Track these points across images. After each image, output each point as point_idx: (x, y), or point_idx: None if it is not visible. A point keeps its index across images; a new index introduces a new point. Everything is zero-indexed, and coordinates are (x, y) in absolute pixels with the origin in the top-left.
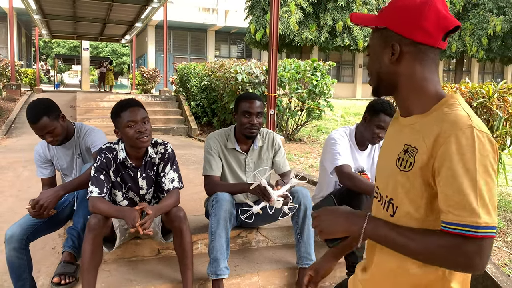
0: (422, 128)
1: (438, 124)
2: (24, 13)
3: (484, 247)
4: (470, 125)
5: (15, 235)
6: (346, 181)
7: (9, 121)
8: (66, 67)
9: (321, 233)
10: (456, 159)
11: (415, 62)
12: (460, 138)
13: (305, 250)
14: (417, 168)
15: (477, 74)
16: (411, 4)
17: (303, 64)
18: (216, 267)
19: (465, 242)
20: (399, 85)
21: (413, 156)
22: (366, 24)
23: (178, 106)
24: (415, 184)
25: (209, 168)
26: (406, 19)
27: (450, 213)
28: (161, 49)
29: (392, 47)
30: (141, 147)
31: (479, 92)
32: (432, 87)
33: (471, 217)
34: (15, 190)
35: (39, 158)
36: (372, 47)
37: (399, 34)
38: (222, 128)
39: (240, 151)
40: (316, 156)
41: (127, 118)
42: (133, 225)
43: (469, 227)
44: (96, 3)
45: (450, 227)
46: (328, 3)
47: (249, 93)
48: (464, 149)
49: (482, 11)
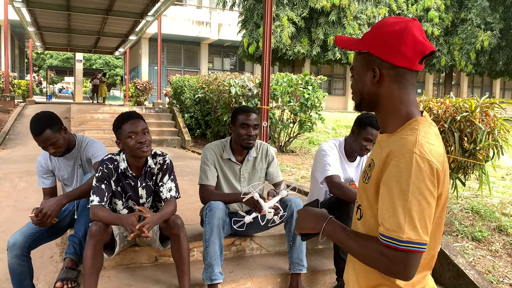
0: (384, 146)
1: (391, 144)
2: (17, 25)
3: (409, 259)
4: (412, 150)
5: (17, 243)
6: (335, 190)
7: (3, 132)
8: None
9: (296, 227)
10: (394, 180)
11: (393, 84)
12: (400, 162)
13: (297, 256)
14: (371, 182)
15: (466, 87)
16: (391, 30)
17: (295, 78)
18: (210, 273)
19: (392, 252)
20: (379, 105)
21: (371, 171)
22: (350, 48)
23: (171, 118)
24: (370, 195)
25: (204, 177)
26: (386, 44)
27: (382, 225)
28: (155, 61)
29: (373, 70)
30: (141, 156)
31: (463, 107)
32: (405, 109)
33: (396, 232)
34: (12, 201)
35: (41, 169)
36: (356, 68)
37: (380, 58)
38: (216, 139)
39: (235, 161)
40: (308, 167)
41: (128, 130)
42: (132, 230)
43: (393, 240)
44: (90, 16)
45: (381, 238)
46: (319, 18)
47: (246, 106)
48: (402, 172)
49: (470, 26)
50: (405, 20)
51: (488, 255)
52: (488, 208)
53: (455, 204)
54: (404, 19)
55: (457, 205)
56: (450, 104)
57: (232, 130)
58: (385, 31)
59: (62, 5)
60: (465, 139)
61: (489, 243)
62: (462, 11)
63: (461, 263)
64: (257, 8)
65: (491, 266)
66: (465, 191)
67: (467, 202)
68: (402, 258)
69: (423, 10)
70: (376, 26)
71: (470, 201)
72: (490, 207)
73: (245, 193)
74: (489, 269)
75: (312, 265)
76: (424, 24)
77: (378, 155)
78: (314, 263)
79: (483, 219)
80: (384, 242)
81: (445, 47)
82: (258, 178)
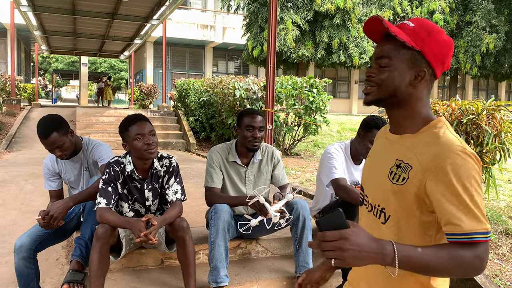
0: (414, 147)
1: (432, 146)
2: (23, 29)
3: (487, 249)
4: (462, 147)
5: (24, 245)
6: (341, 193)
7: (10, 135)
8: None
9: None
10: (455, 178)
11: (425, 89)
12: (456, 159)
13: (303, 259)
14: (410, 183)
15: (472, 90)
16: (444, 39)
17: (300, 81)
18: (216, 275)
19: (482, 248)
20: (405, 105)
21: (406, 172)
22: (402, 37)
23: (176, 121)
24: (407, 197)
25: (210, 180)
26: (440, 52)
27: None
28: (159, 64)
29: (419, 71)
30: (148, 158)
31: (469, 109)
32: (426, 112)
33: (478, 226)
34: (18, 203)
35: (48, 171)
36: (396, 62)
37: (429, 62)
38: (221, 142)
39: (241, 164)
40: (312, 170)
41: (135, 132)
42: (139, 235)
43: (480, 234)
44: (96, 20)
45: (461, 237)
46: (324, 21)
47: (251, 108)
48: (460, 169)
49: (475, 29)
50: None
51: (495, 259)
52: (495, 211)
53: None
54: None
55: None
56: (456, 107)
57: (238, 133)
58: (441, 39)
59: (67, 9)
60: (471, 142)
61: (496, 247)
62: (467, 13)
63: None
64: (261, 12)
65: (498, 270)
66: None
67: None
68: (485, 250)
69: (427, 13)
70: (431, 29)
71: None
72: (497, 210)
73: (251, 197)
74: (496, 273)
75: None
76: None
77: (410, 155)
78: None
79: (490, 222)
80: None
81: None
82: (264, 180)
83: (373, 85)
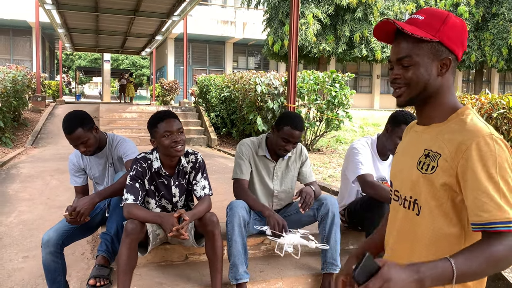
0: (442, 135)
1: (459, 132)
2: (48, 27)
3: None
4: (490, 132)
5: (51, 240)
6: (368, 189)
7: (35, 131)
8: (87, 79)
9: None
10: (480, 165)
11: (451, 76)
12: (481, 145)
13: (331, 256)
14: (440, 171)
15: (497, 84)
16: (458, 23)
17: (322, 76)
18: (235, 272)
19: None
20: (437, 96)
21: (435, 161)
22: (417, 33)
23: (197, 117)
24: (437, 185)
25: (239, 171)
26: (457, 36)
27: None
28: (180, 61)
29: (444, 61)
30: (175, 156)
31: (499, 103)
32: (453, 99)
33: (500, 215)
34: (45, 198)
35: (73, 167)
36: (419, 58)
37: (450, 49)
38: (242, 138)
39: (270, 159)
40: (335, 166)
41: (163, 129)
42: (171, 230)
43: (504, 223)
44: (118, 17)
45: (484, 227)
46: (345, 15)
47: (296, 120)
48: (485, 155)
49: (502, 21)
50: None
51: None
52: None
53: None
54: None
55: None
56: (486, 101)
57: (273, 133)
58: (455, 23)
59: (90, 6)
60: None
61: None
62: (494, 5)
63: None
64: (282, 6)
65: None
66: None
67: None
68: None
69: (452, 5)
70: (442, 16)
71: None
72: None
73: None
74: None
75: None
76: None
77: (438, 144)
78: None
79: None
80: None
81: (475, 43)
82: (291, 177)
83: (402, 86)
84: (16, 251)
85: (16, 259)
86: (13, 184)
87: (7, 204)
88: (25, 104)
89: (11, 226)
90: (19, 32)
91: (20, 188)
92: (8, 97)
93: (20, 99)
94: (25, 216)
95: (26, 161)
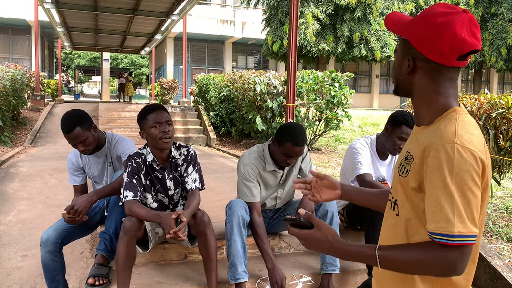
0: (420, 138)
1: (429, 137)
2: (47, 26)
3: (463, 253)
4: (453, 141)
5: (50, 239)
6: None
7: (34, 130)
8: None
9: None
10: (436, 173)
11: (427, 77)
12: (440, 153)
13: (330, 256)
14: (411, 175)
15: (496, 84)
16: (433, 22)
17: (321, 75)
18: (234, 272)
19: (446, 250)
20: (413, 94)
21: (410, 164)
22: (393, 30)
23: (197, 116)
24: (409, 188)
25: (250, 195)
26: (424, 36)
27: (431, 223)
28: (180, 60)
29: (408, 60)
30: (163, 148)
31: (498, 103)
32: (442, 100)
33: (446, 227)
34: (43, 197)
35: (72, 166)
36: (397, 53)
37: (416, 49)
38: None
39: (278, 170)
40: (334, 166)
41: (152, 120)
42: (169, 232)
43: (445, 236)
44: (117, 16)
45: (431, 236)
46: (345, 15)
47: (298, 135)
48: (443, 164)
49: (501, 21)
50: (452, 12)
51: None
52: None
53: (489, 204)
54: (452, 10)
55: (491, 205)
56: (485, 101)
57: (275, 145)
58: (428, 21)
59: (90, 5)
60: (500, 137)
61: None
62: (493, 5)
63: (498, 265)
64: (281, 6)
65: None
66: (499, 190)
67: (502, 202)
68: (457, 254)
69: None
70: (423, 13)
71: (505, 201)
72: None
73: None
74: None
75: (343, 265)
76: None
77: (415, 147)
78: (344, 263)
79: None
80: (436, 240)
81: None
82: (294, 176)
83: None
84: (15, 250)
85: (15, 258)
86: (12, 183)
87: (6, 203)
88: (24, 103)
89: (10, 225)
90: (18, 31)
91: (19, 187)
92: (7, 96)
93: (19, 98)
94: (24, 215)
95: (25, 160)
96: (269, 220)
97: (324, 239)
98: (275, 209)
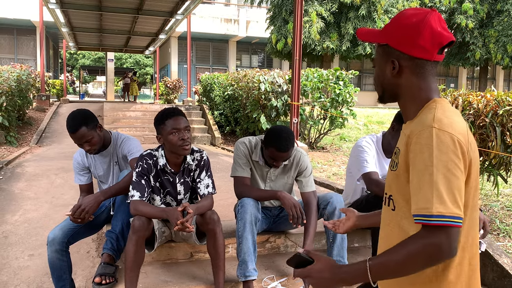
0: (405, 131)
1: (412, 127)
2: (51, 26)
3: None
4: (431, 125)
5: (56, 238)
6: (373, 187)
7: (40, 130)
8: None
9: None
10: (417, 158)
11: (412, 75)
12: (420, 138)
13: (338, 253)
14: (401, 167)
15: (502, 81)
16: (408, 23)
17: (326, 73)
18: (244, 269)
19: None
20: (400, 95)
21: (398, 157)
22: (370, 40)
23: (201, 115)
24: (401, 181)
25: (240, 169)
26: (404, 37)
27: (413, 205)
28: (184, 59)
29: (392, 62)
30: (182, 154)
31: (505, 100)
32: (424, 95)
33: (426, 208)
34: (50, 197)
35: (77, 166)
36: (377, 60)
37: (399, 51)
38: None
39: (263, 164)
40: (339, 164)
41: (171, 126)
42: (176, 224)
43: (424, 216)
44: (122, 16)
45: (414, 218)
46: (349, 12)
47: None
48: (423, 148)
49: (507, 18)
50: (423, 12)
51: None
52: None
53: (495, 202)
54: (422, 11)
55: (498, 203)
56: (492, 98)
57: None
58: (403, 23)
59: (94, 5)
60: (507, 134)
61: None
62: (498, 2)
63: (505, 263)
64: (285, 4)
65: None
66: (506, 188)
67: (509, 199)
68: (442, 236)
69: (456, 2)
70: (395, 18)
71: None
72: None
73: None
74: None
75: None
76: (458, 16)
77: (402, 140)
78: (349, 261)
79: None
80: (417, 221)
81: (480, 40)
82: (283, 183)
83: (375, 86)
84: (22, 249)
85: (22, 257)
86: (18, 183)
87: (12, 202)
88: (29, 103)
89: (17, 225)
90: (23, 32)
91: (25, 186)
92: (12, 96)
93: (25, 98)
94: (31, 214)
95: (31, 159)
96: (275, 219)
97: (326, 268)
98: (279, 207)
